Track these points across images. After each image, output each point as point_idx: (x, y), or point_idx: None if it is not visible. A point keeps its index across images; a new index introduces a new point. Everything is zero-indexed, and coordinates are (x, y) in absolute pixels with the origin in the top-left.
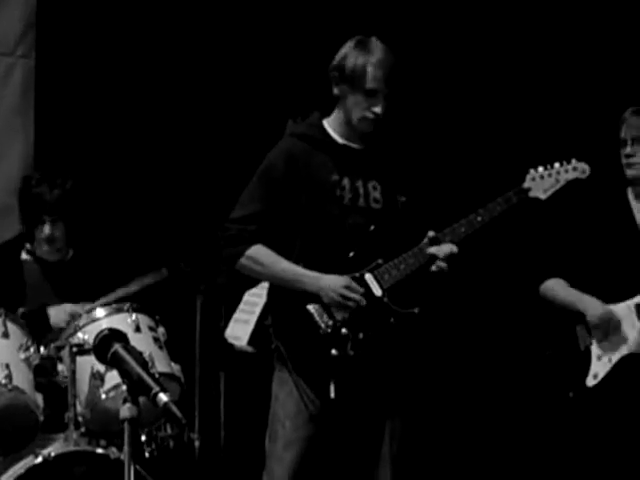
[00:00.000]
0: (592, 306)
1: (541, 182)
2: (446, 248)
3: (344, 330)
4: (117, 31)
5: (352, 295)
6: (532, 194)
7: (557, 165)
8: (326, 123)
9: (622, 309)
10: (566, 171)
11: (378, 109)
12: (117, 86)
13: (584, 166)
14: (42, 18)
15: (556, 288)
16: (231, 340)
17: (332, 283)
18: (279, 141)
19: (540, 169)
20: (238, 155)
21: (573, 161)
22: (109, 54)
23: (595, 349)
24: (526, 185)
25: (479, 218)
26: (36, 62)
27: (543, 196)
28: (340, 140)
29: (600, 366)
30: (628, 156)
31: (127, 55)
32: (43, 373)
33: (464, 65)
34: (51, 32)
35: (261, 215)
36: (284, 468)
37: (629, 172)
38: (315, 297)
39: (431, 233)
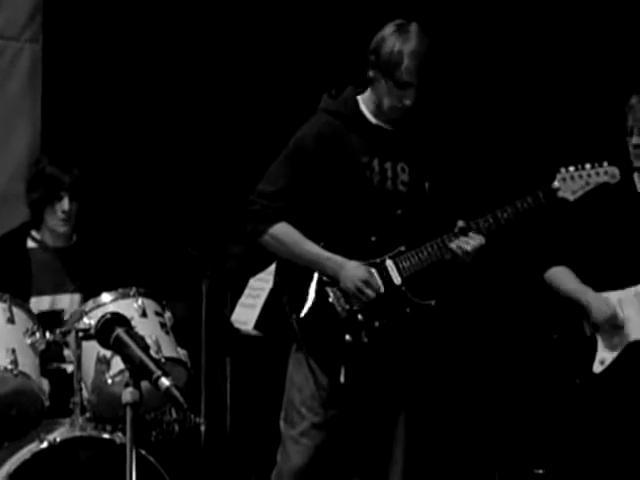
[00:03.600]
0: (596, 306)
1: (571, 183)
2: (473, 242)
3: (360, 317)
4: (126, 14)
5: (367, 292)
6: (561, 194)
7: (588, 166)
8: (360, 100)
9: (628, 295)
10: (597, 174)
11: (408, 102)
12: (125, 70)
13: (615, 170)
14: (49, 2)
15: (561, 278)
16: (237, 325)
17: (352, 273)
18: (311, 117)
19: (571, 169)
20: (245, 138)
21: (605, 164)
22: (117, 38)
23: (602, 335)
24: (556, 185)
25: (505, 215)
26: (43, 47)
27: (571, 197)
28: (374, 120)
29: (607, 352)
30: (637, 146)
31: (136, 38)
32: (49, 358)
33: (501, 56)
34: (59, 16)
35: (287, 192)
36: (301, 453)
37: (637, 162)
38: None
39: (461, 223)
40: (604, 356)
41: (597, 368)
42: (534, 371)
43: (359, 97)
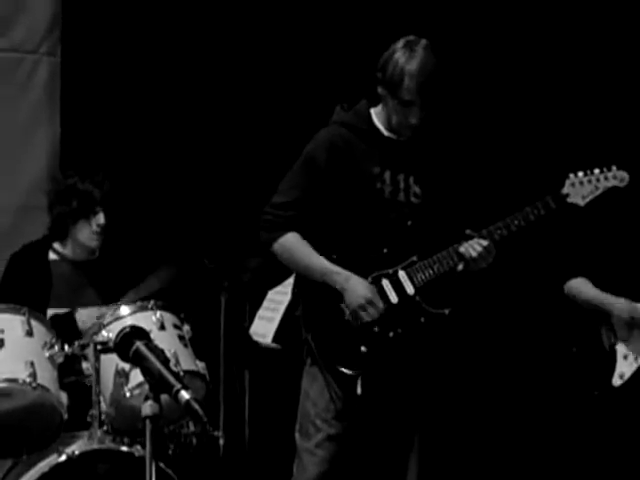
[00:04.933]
0: (618, 304)
1: (580, 188)
2: (478, 246)
3: (375, 328)
4: (144, 27)
5: (370, 311)
6: (570, 200)
7: (597, 171)
8: (373, 113)
9: None
10: (606, 178)
11: (413, 120)
12: (144, 83)
13: (623, 174)
14: (68, 15)
15: (581, 287)
16: (256, 337)
17: (357, 290)
18: (323, 128)
19: (580, 174)
20: (262, 151)
21: (613, 168)
22: (136, 50)
23: (621, 348)
24: (565, 190)
25: (516, 222)
26: (62, 59)
27: (582, 202)
28: (385, 132)
29: (626, 366)
30: None
31: (155, 51)
32: (68, 371)
33: (510, 65)
34: (77, 29)
35: (299, 203)
36: (316, 465)
37: None
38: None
39: (468, 231)
40: (623, 370)
41: (616, 382)
42: (552, 383)
43: (372, 110)
